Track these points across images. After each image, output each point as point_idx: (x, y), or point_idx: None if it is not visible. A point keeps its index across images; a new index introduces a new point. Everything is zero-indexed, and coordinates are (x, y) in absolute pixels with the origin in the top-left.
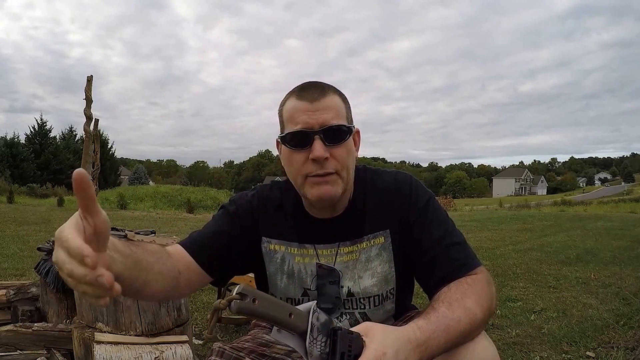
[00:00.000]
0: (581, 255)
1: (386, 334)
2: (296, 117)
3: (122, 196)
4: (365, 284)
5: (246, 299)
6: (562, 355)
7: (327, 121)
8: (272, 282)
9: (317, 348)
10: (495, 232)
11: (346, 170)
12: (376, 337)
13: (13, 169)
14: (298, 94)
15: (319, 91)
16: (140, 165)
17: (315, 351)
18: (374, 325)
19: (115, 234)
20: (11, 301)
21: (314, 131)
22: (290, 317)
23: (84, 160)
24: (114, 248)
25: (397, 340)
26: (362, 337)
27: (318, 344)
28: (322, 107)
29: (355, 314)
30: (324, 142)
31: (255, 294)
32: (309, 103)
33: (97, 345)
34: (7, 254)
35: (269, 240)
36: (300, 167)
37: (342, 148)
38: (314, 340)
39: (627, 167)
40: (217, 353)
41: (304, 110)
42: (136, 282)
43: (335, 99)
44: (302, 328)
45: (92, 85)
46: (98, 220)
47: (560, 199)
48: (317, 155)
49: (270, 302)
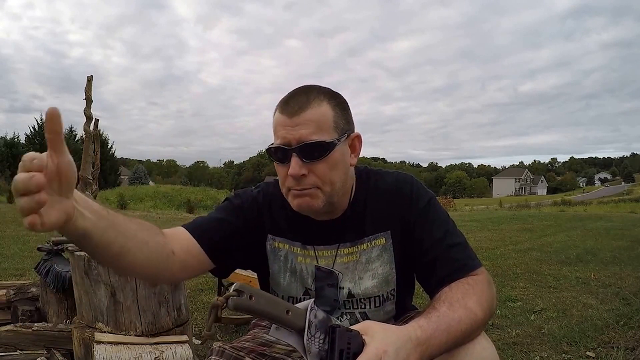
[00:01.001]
0: (581, 255)
1: (387, 333)
2: (277, 131)
3: (122, 196)
4: (365, 285)
5: (243, 296)
6: (562, 355)
7: (304, 137)
8: (275, 280)
9: (315, 345)
10: (495, 232)
11: (329, 184)
12: (377, 335)
13: (13, 169)
14: (282, 106)
15: (301, 103)
16: (140, 165)
17: (313, 348)
18: (374, 324)
19: None
20: (11, 301)
21: (291, 148)
22: (288, 314)
23: (84, 160)
24: (86, 205)
25: (398, 339)
26: (362, 335)
27: (316, 341)
28: (301, 122)
29: (356, 314)
30: (302, 159)
31: (252, 291)
32: (288, 117)
33: (97, 345)
34: (7, 254)
35: (273, 238)
36: (283, 180)
37: (322, 164)
38: (312, 338)
39: (627, 167)
40: (217, 352)
41: (283, 125)
42: (113, 246)
43: (321, 110)
44: (299, 325)
45: (92, 85)
46: (62, 160)
47: (560, 199)
48: (292, 173)
49: (267, 299)
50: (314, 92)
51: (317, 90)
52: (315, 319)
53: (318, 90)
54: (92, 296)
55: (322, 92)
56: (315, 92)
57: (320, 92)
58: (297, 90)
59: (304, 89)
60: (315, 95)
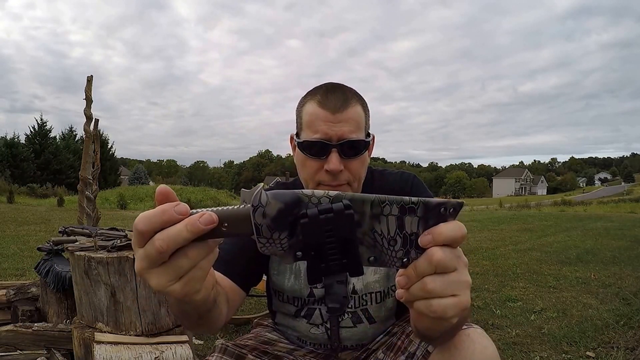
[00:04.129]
0: (581, 255)
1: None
2: (316, 124)
3: (122, 196)
4: (368, 279)
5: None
6: (562, 355)
7: (346, 134)
8: (280, 282)
9: (278, 248)
10: (495, 232)
11: (358, 181)
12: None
13: (13, 169)
14: (320, 100)
15: (342, 101)
16: (140, 165)
17: (276, 251)
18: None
19: (116, 234)
20: (11, 301)
21: (332, 144)
22: (225, 228)
23: (84, 160)
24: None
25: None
26: (353, 210)
27: (277, 244)
28: (344, 119)
29: (358, 312)
30: (341, 155)
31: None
32: (331, 113)
33: (97, 345)
34: (7, 254)
35: None
36: (313, 174)
37: (357, 161)
38: (270, 241)
39: (627, 167)
40: (220, 350)
41: (325, 120)
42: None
43: (357, 109)
44: (248, 232)
45: (92, 85)
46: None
47: (560, 199)
48: (333, 168)
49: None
50: (348, 91)
51: (349, 90)
52: (266, 219)
53: (350, 90)
54: (92, 296)
55: (354, 92)
56: (349, 91)
57: (353, 92)
58: (331, 86)
59: (339, 86)
60: (351, 94)
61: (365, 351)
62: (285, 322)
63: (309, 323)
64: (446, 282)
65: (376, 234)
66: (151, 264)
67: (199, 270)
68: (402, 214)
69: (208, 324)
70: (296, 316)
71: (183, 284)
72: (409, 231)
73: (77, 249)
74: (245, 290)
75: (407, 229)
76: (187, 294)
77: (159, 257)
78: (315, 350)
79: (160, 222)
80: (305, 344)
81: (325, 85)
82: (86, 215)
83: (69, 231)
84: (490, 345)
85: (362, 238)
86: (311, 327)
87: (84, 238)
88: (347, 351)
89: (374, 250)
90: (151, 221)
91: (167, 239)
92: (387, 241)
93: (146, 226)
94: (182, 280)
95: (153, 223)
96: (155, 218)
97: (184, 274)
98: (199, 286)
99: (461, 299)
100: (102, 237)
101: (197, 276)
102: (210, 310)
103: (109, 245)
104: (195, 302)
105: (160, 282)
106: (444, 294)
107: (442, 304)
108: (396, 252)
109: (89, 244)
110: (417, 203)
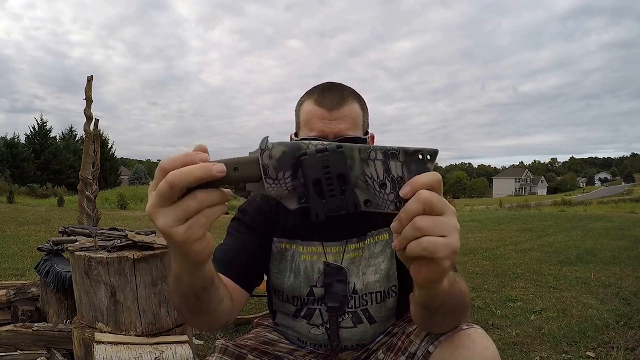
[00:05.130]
0: (581, 255)
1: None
2: (312, 122)
3: (122, 196)
4: (368, 280)
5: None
6: (562, 355)
7: (342, 132)
8: (280, 280)
9: (283, 188)
10: (495, 232)
11: None
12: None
13: (13, 169)
14: (317, 99)
15: (339, 98)
16: (140, 165)
17: (282, 193)
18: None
19: (116, 234)
20: (11, 301)
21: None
22: (236, 172)
23: (84, 160)
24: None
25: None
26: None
27: (282, 184)
28: (340, 117)
29: (358, 312)
30: None
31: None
32: (327, 111)
33: (97, 345)
34: (7, 254)
35: (280, 240)
36: None
37: None
38: (276, 182)
39: (627, 167)
40: (220, 350)
41: (321, 118)
42: (215, 299)
43: (354, 107)
44: (256, 176)
45: (92, 85)
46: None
47: (560, 199)
48: None
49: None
50: (346, 89)
51: (347, 89)
52: (272, 160)
53: (348, 89)
54: (92, 296)
55: (351, 90)
56: (347, 89)
57: (350, 91)
58: (328, 85)
59: (336, 85)
60: (349, 92)
61: (366, 351)
62: (285, 322)
63: (309, 323)
64: (435, 222)
65: (367, 177)
66: (161, 201)
67: (204, 217)
68: (386, 158)
69: (209, 311)
70: (296, 316)
71: (187, 227)
72: (395, 175)
73: (77, 249)
74: (247, 290)
75: (393, 172)
76: (187, 239)
77: (170, 192)
78: (316, 350)
79: (182, 162)
80: (305, 344)
81: (323, 84)
82: (86, 215)
83: (69, 231)
84: (491, 345)
85: (355, 182)
86: (311, 327)
87: (84, 238)
88: (347, 351)
89: (368, 193)
90: (174, 161)
91: (180, 174)
92: (378, 184)
93: (169, 164)
94: (186, 223)
95: (175, 162)
96: (178, 159)
97: (189, 217)
98: (200, 233)
99: (450, 240)
100: (102, 237)
101: (201, 222)
102: (207, 289)
103: (109, 245)
104: (193, 258)
105: (167, 222)
106: (433, 233)
107: (432, 241)
108: (387, 195)
109: (89, 244)
110: (398, 149)
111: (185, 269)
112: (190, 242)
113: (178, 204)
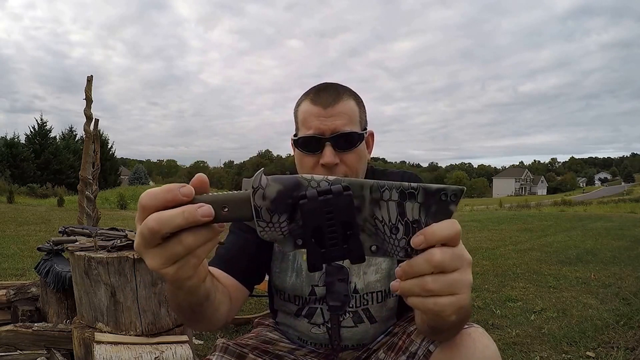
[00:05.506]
0: (581, 255)
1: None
2: (309, 121)
3: (122, 196)
4: (369, 279)
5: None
6: (562, 355)
7: (338, 128)
8: (282, 280)
9: (277, 232)
10: (495, 232)
11: (356, 175)
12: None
13: (13, 169)
14: (313, 98)
15: (334, 96)
16: (140, 165)
17: (277, 237)
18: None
19: (116, 234)
20: (11, 301)
21: (325, 137)
22: (225, 211)
23: (84, 160)
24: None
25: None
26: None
27: (277, 227)
28: (335, 113)
29: (359, 311)
30: (335, 149)
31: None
32: (322, 108)
33: (97, 345)
34: (7, 254)
35: None
36: (310, 170)
37: (353, 154)
38: (270, 225)
39: (627, 167)
40: (221, 349)
41: (317, 116)
42: (210, 299)
43: (350, 103)
44: (247, 216)
45: (92, 85)
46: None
47: (560, 199)
48: (327, 161)
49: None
50: (341, 87)
51: (342, 87)
52: (265, 201)
53: (344, 87)
54: (92, 296)
55: (347, 89)
56: (342, 88)
57: (346, 89)
58: (323, 85)
59: (331, 84)
60: (344, 90)
61: (366, 351)
62: (286, 322)
63: (310, 323)
64: (446, 282)
65: (377, 220)
66: (145, 243)
67: (194, 258)
68: (402, 199)
69: (205, 320)
70: (297, 315)
71: (177, 268)
72: (410, 218)
73: (77, 249)
74: (248, 288)
75: (408, 215)
76: (179, 279)
77: (152, 237)
78: (316, 350)
79: (163, 200)
80: (306, 343)
81: (319, 85)
82: (86, 215)
83: (69, 231)
84: (491, 345)
85: (363, 225)
86: (312, 326)
87: (84, 238)
88: (347, 351)
89: (376, 238)
90: (155, 198)
91: (160, 221)
92: (388, 229)
93: (149, 201)
94: (176, 264)
95: (156, 200)
96: (159, 195)
97: (178, 259)
98: (191, 272)
99: (459, 298)
100: (102, 237)
101: (191, 263)
102: (202, 305)
103: (109, 245)
104: (187, 288)
105: (155, 263)
106: (442, 293)
107: (438, 302)
108: (399, 241)
109: (89, 244)
110: (417, 188)
111: (179, 293)
112: (182, 279)
113: (164, 247)
